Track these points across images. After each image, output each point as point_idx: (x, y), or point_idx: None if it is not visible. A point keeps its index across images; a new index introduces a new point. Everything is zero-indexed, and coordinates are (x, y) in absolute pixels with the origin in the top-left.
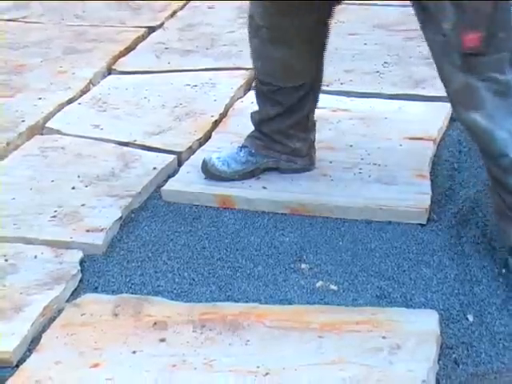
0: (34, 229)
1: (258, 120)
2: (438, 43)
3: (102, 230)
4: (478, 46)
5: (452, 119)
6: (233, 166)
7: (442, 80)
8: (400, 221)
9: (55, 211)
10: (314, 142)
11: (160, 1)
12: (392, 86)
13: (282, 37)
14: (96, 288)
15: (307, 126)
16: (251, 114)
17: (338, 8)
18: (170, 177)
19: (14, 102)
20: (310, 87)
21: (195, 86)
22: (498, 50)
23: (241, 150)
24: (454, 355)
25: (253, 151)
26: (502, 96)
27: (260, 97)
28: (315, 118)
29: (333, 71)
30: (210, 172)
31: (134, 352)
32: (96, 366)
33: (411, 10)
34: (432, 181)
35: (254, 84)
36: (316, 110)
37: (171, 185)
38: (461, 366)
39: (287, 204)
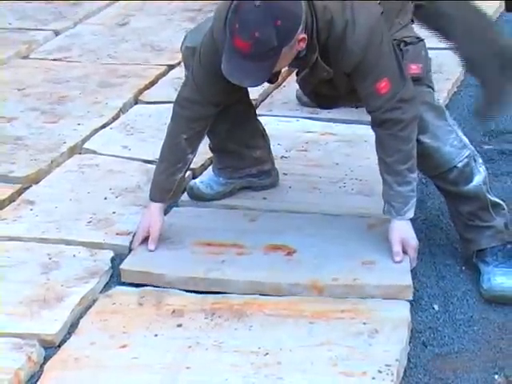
0: (73, 232)
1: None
2: None
3: (129, 233)
4: (420, 73)
5: None
6: (215, 188)
7: None
8: (378, 226)
9: (90, 218)
10: (271, 153)
11: (179, 44)
12: None
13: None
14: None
15: (261, 132)
16: (208, 146)
17: None
18: (184, 190)
19: (57, 127)
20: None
21: None
22: (431, 82)
23: (220, 175)
24: (422, 338)
25: (228, 176)
26: (440, 117)
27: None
28: (307, 141)
29: None
30: (196, 194)
31: (156, 335)
32: (124, 346)
33: None
34: None
35: None
36: (307, 133)
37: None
38: (428, 348)
39: (283, 211)
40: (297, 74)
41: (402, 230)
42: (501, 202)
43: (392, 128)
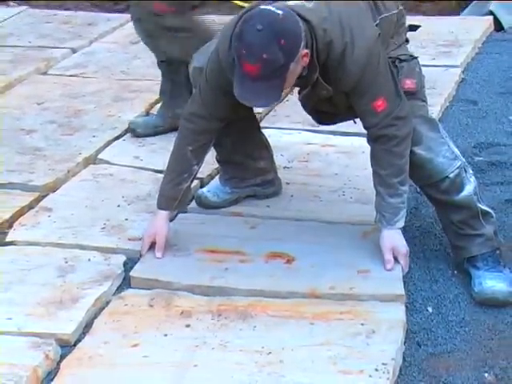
0: (88, 238)
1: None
2: None
3: (140, 238)
4: (414, 88)
5: None
6: (221, 197)
7: None
8: (372, 233)
9: (104, 224)
10: (274, 164)
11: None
12: None
13: None
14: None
15: (264, 144)
16: (215, 157)
17: None
18: (193, 198)
19: (73, 139)
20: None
21: None
22: (424, 97)
23: (226, 185)
24: (416, 338)
25: (234, 185)
26: (434, 130)
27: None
28: (308, 153)
29: None
30: (203, 203)
31: (165, 335)
32: (135, 345)
33: None
34: None
35: None
36: (308, 145)
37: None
38: (422, 347)
39: (285, 218)
40: (299, 93)
41: (393, 239)
42: (490, 211)
43: (387, 143)
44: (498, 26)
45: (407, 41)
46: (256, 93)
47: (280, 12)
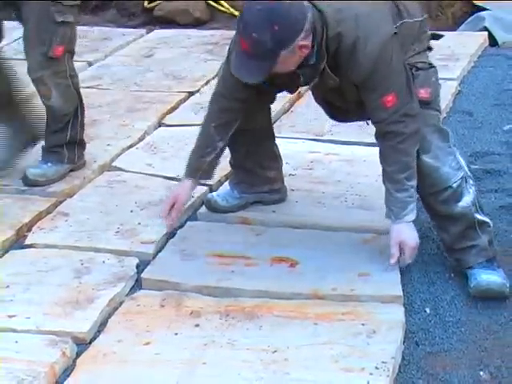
0: (103, 241)
1: (236, 160)
2: None
3: (152, 242)
4: (428, 98)
5: None
6: (230, 201)
7: None
8: (376, 235)
9: (118, 228)
10: (282, 174)
11: (198, 73)
12: (369, 137)
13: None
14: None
15: (276, 155)
16: (229, 161)
17: None
18: (202, 203)
19: (89, 147)
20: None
21: None
22: (438, 106)
23: (235, 189)
24: (415, 338)
25: (242, 190)
26: (443, 140)
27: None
28: (312, 161)
29: (325, 125)
30: (213, 207)
31: (176, 334)
32: (147, 343)
33: None
34: None
35: None
36: (312, 154)
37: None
38: (420, 347)
39: (291, 223)
40: (308, 84)
41: (400, 232)
42: (487, 220)
43: (393, 140)
44: (493, 41)
45: (429, 49)
46: (246, 68)
47: None
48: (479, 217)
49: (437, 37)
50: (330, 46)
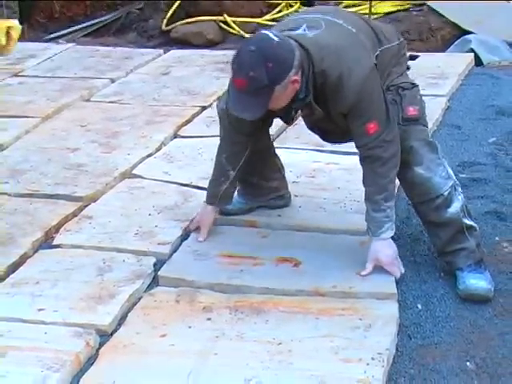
0: (123, 242)
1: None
2: None
3: (168, 243)
4: (417, 115)
5: None
6: (237, 205)
7: None
8: (368, 243)
9: (137, 230)
10: (286, 182)
11: (210, 89)
12: None
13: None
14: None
15: (278, 167)
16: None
17: None
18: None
19: (111, 156)
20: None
21: None
22: (425, 122)
23: (241, 197)
24: (408, 332)
25: (249, 198)
26: (433, 151)
27: None
28: (314, 169)
29: None
30: (221, 210)
31: (190, 327)
32: (163, 336)
33: None
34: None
35: None
36: (315, 163)
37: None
38: (412, 339)
39: (294, 226)
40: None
41: (376, 250)
42: (474, 225)
43: (373, 163)
44: (478, 61)
45: (408, 68)
46: (243, 105)
47: (276, 39)
48: (467, 222)
49: (414, 57)
50: (316, 81)
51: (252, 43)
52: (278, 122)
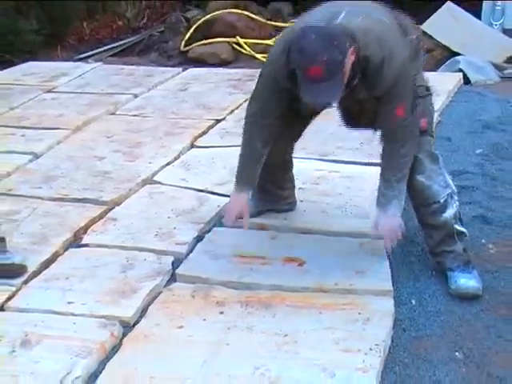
0: (144, 242)
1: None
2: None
3: (185, 243)
4: (426, 128)
5: None
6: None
7: None
8: (370, 240)
9: (157, 231)
10: (295, 192)
11: (224, 104)
12: (366, 157)
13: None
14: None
15: (291, 179)
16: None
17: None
18: None
19: (134, 165)
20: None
21: None
22: (432, 131)
23: (254, 200)
24: (402, 325)
25: (259, 203)
26: (434, 162)
27: None
28: (318, 177)
29: (329, 148)
30: None
31: (204, 319)
32: (181, 327)
33: None
34: None
35: None
36: (318, 171)
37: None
38: (406, 332)
39: (300, 229)
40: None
41: (379, 217)
42: (465, 231)
43: (395, 144)
44: (466, 80)
45: (423, 61)
46: (323, 92)
47: (322, 24)
48: (458, 227)
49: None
50: (360, 65)
51: (308, 33)
52: None
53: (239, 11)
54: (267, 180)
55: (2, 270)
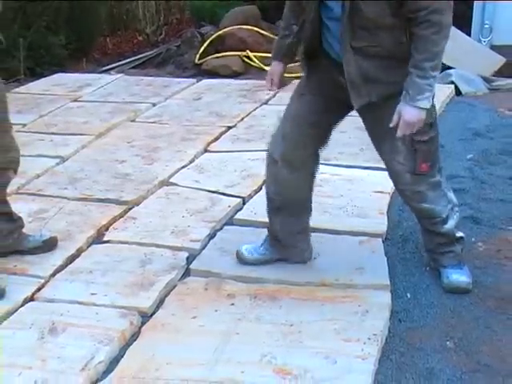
0: (161, 239)
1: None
2: (393, 168)
3: (199, 240)
4: (427, 171)
5: None
6: (255, 256)
7: (395, 186)
8: (369, 238)
9: (173, 229)
10: (310, 243)
11: (235, 112)
12: (365, 162)
13: (291, 168)
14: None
15: (308, 233)
16: (267, 227)
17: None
18: (238, 211)
19: (152, 167)
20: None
21: (254, 159)
22: (435, 169)
23: (262, 245)
24: (398, 316)
25: (269, 248)
26: (436, 189)
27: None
28: (321, 180)
29: (332, 152)
30: (241, 258)
31: (216, 310)
32: (194, 317)
33: None
34: (388, 216)
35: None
36: (321, 174)
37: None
38: (402, 323)
39: None
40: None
41: (404, 108)
42: (463, 236)
43: (429, 29)
44: (458, 92)
45: None
46: None
47: None
48: (458, 234)
49: None
50: None
51: None
52: None
53: (249, 27)
54: (280, 228)
55: None
